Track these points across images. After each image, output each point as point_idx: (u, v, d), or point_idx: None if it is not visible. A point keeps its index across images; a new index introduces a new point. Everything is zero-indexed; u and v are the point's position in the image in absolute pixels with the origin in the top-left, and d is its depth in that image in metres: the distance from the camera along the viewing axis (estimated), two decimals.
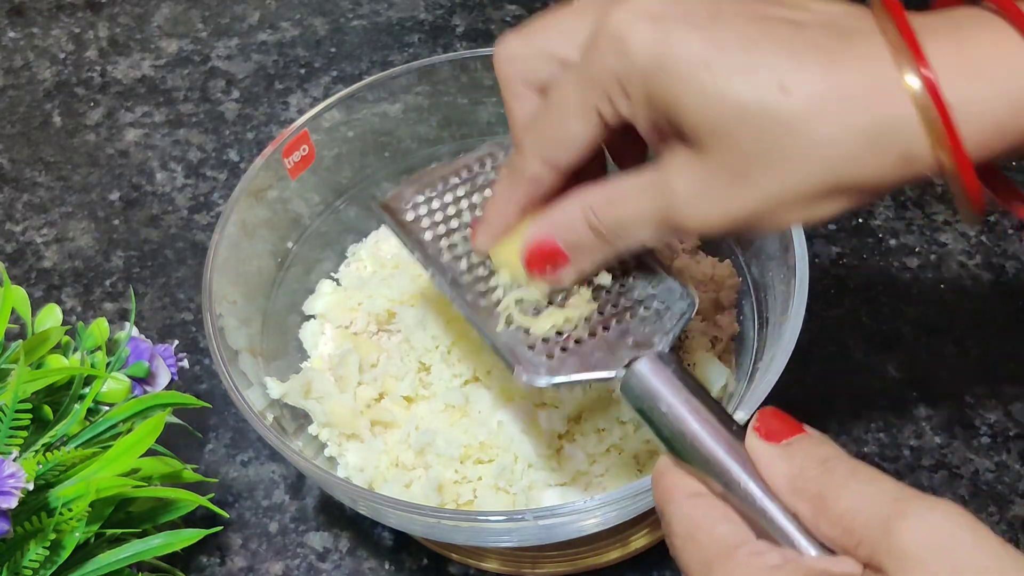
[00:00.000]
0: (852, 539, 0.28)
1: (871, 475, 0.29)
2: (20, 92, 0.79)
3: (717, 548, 0.30)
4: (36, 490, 0.43)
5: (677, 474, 0.33)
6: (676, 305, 0.40)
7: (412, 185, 0.45)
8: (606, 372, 0.38)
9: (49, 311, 0.51)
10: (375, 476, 0.51)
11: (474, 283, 0.42)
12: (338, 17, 0.82)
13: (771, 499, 0.30)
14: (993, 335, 0.60)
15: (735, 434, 0.33)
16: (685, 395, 0.34)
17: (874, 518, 0.27)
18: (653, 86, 0.32)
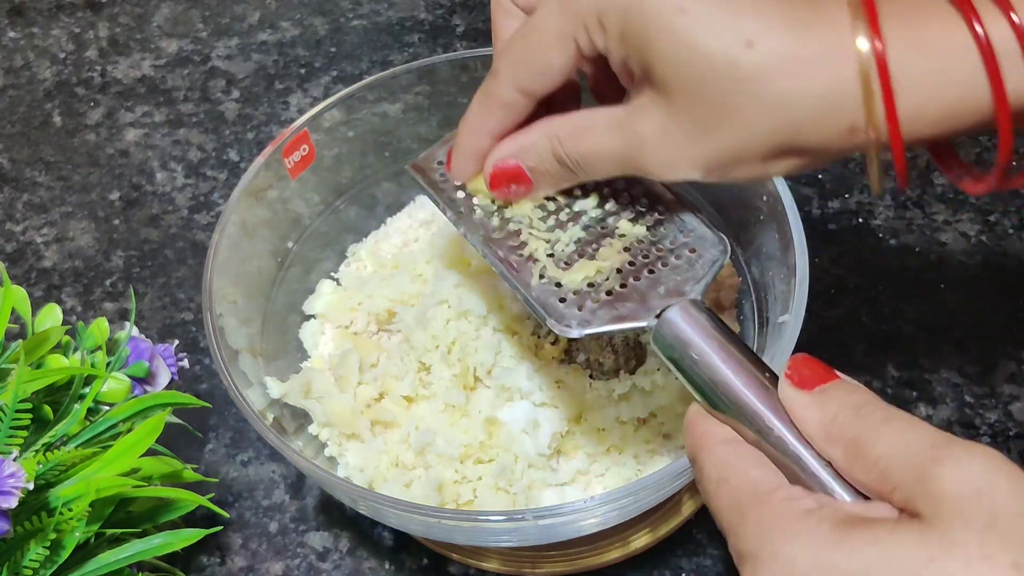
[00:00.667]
0: (887, 484, 0.28)
1: (907, 421, 0.29)
2: (20, 92, 0.79)
3: (751, 492, 0.30)
4: (36, 490, 0.43)
5: (710, 421, 0.33)
6: (708, 252, 0.40)
7: (443, 145, 0.46)
8: (638, 322, 0.37)
9: (49, 311, 0.51)
10: (375, 476, 0.51)
11: (505, 239, 0.42)
12: (338, 17, 0.82)
13: (804, 445, 0.30)
14: (993, 335, 0.60)
15: (768, 381, 0.32)
16: (718, 342, 0.34)
17: (910, 463, 0.27)
18: (629, 23, 0.33)
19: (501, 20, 0.39)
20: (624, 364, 0.51)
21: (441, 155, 0.45)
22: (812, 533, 0.27)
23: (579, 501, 0.42)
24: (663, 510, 0.53)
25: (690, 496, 0.54)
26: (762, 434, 0.31)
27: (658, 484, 0.42)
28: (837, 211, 0.67)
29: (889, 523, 0.27)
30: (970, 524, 0.25)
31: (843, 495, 0.29)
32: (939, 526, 0.26)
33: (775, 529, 0.28)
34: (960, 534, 0.25)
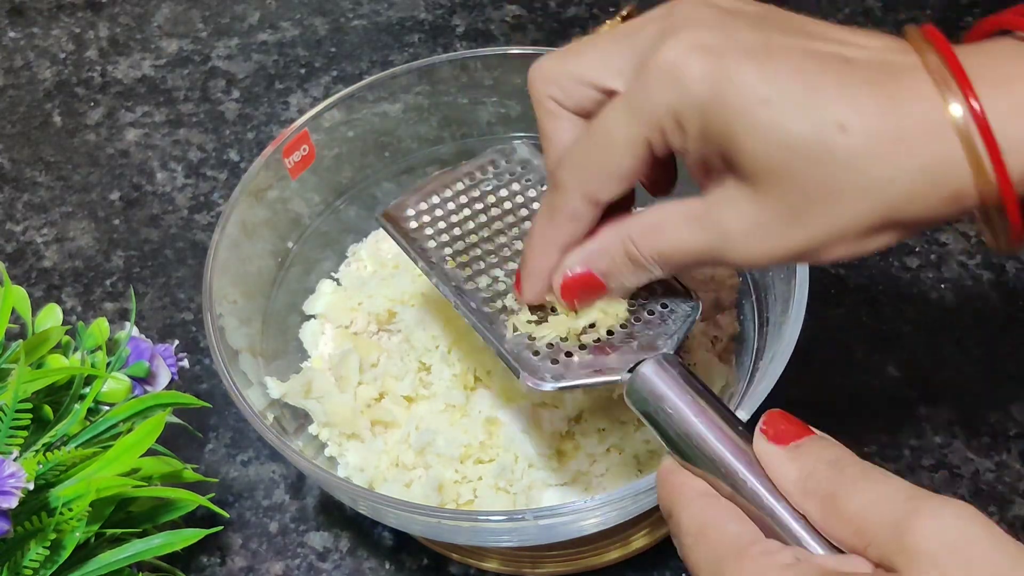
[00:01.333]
0: (863, 540, 0.28)
1: (882, 476, 0.29)
2: (20, 92, 0.79)
3: (729, 546, 0.30)
4: (36, 490, 0.43)
5: (684, 474, 0.33)
6: (680, 308, 0.40)
7: (414, 194, 0.46)
8: (612, 376, 0.38)
9: (49, 311, 0.51)
10: (375, 476, 0.51)
11: (477, 291, 0.42)
12: (338, 17, 0.82)
13: (779, 500, 0.30)
14: (993, 335, 0.60)
15: (741, 435, 0.33)
16: (691, 396, 0.34)
17: (886, 518, 0.27)
18: (710, 120, 0.32)
19: (550, 125, 0.37)
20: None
21: (412, 204, 0.46)
22: None
23: (579, 501, 0.42)
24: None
25: None
26: (737, 488, 0.31)
27: None
28: None
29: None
30: (944, 574, 0.26)
31: (817, 549, 0.30)
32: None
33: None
34: None
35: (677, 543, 0.32)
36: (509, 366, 0.39)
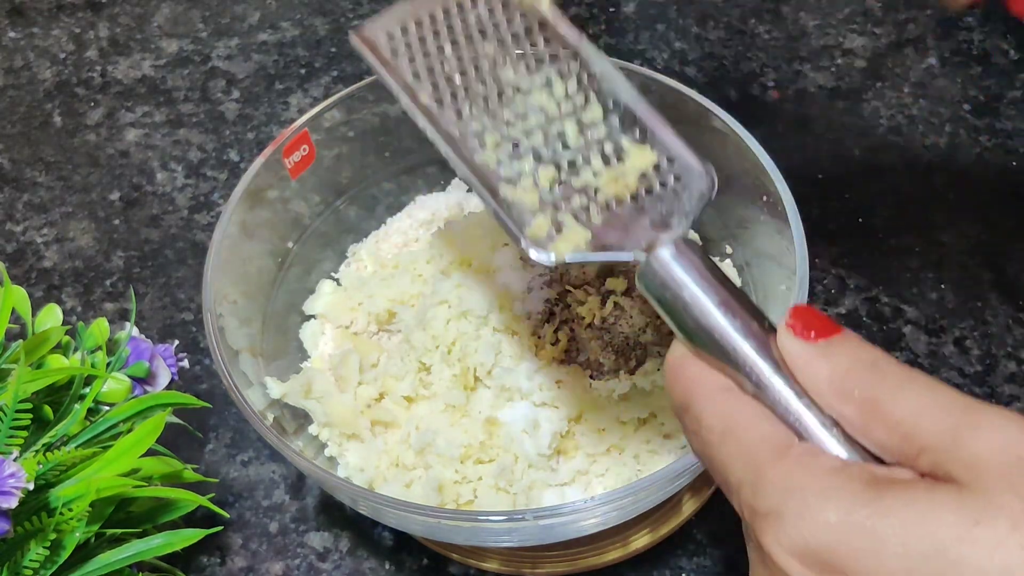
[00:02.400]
0: (912, 447, 0.26)
1: (931, 381, 0.27)
2: (20, 92, 0.79)
3: (765, 445, 0.27)
4: (36, 490, 0.43)
5: (701, 366, 0.30)
6: (694, 183, 0.35)
7: (394, 16, 0.39)
8: (622, 253, 0.33)
9: (49, 311, 0.51)
10: (375, 476, 0.51)
11: (470, 137, 0.36)
12: (338, 17, 0.82)
13: (808, 403, 0.28)
14: (993, 335, 0.60)
15: (768, 331, 0.30)
16: (713, 285, 0.31)
17: (940, 426, 0.25)
18: None
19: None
20: (624, 364, 0.51)
21: (393, 26, 0.39)
22: (843, 490, 0.25)
23: (579, 501, 0.42)
24: (663, 510, 0.53)
25: (690, 496, 0.54)
26: (760, 388, 0.29)
27: (658, 484, 0.42)
28: (837, 211, 0.67)
29: (924, 484, 0.25)
30: (1015, 488, 0.24)
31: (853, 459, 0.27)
32: (980, 490, 0.24)
33: (801, 484, 0.26)
34: (1005, 498, 0.23)
35: (696, 441, 0.29)
36: (507, 229, 0.34)
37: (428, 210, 0.62)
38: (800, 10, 0.80)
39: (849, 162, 0.70)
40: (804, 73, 0.76)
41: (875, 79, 0.75)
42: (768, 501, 0.26)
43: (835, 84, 0.75)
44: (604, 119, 0.36)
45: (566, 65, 0.37)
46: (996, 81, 0.74)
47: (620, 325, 0.51)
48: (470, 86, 0.38)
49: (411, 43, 0.38)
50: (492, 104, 0.37)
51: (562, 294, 0.51)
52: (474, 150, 0.36)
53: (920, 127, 0.72)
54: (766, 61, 0.77)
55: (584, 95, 0.37)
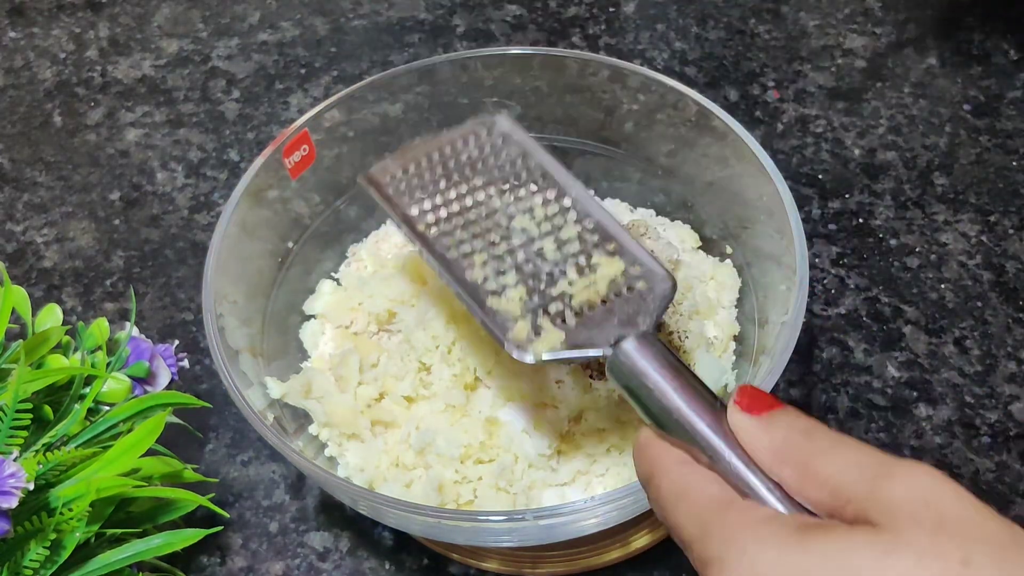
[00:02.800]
0: (839, 499, 0.29)
1: (854, 443, 0.31)
2: (21, 92, 0.79)
3: (711, 504, 0.31)
4: (36, 490, 0.43)
5: (662, 444, 0.35)
6: (658, 287, 0.40)
7: (396, 159, 0.46)
8: (594, 350, 0.39)
9: (49, 311, 0.51)
10: (375, 476, 0.51)
11: (461, 258, 0.42)
12: (338, 17, 0.82)
13: (753, 469, 0.32)
14: (993, 335, 0.61)
15: (718, 410, 0.34)
16: (671, 373, 0.36)
17: (862, 478, 0.29)
18: None
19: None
20: None
21: (393, 169, 0.46)
22: (775, 534, 0.29)
23: (579, 501, 0.42)
24: None
25: None
26: (713, 459, 0.33)
27: None
28: (837, 211, 0.67)
29: (845, 526, 0.29)
30: (921, 526, 0.27)
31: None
32: (892, 529, 0.28)
33: (739, 533, 0.30)
34: (912, 534, 0.27)
35: (657, 508, 0.33)
36: (493, 335, 0.40)
37: None
38: (800, 10, 0.80)
39: (849, 162, 0.70)
40: (804, 73, 0.76)
41: (875, 79, 0.75)
42: (713, 550, 0.30)
43: (835, 84, 0.75)
44: (578, 237, 0.42)
45: (545, 192, 0.44)
46: (996, 81, 0.74)
47: None
48: (463, 214, 0.44)
49: (411, 182, 0.45)
50: (481, 228, 0.43)
51: None
52: (465, 268, 0.42)
53: (920, 127, 0.72)
54: (766, 61, 0.77)
55: (561, 216, 0.43)
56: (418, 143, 0.47)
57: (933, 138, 0.71)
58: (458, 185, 0.45)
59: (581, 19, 0.81)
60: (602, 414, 0.50)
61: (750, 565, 0.29)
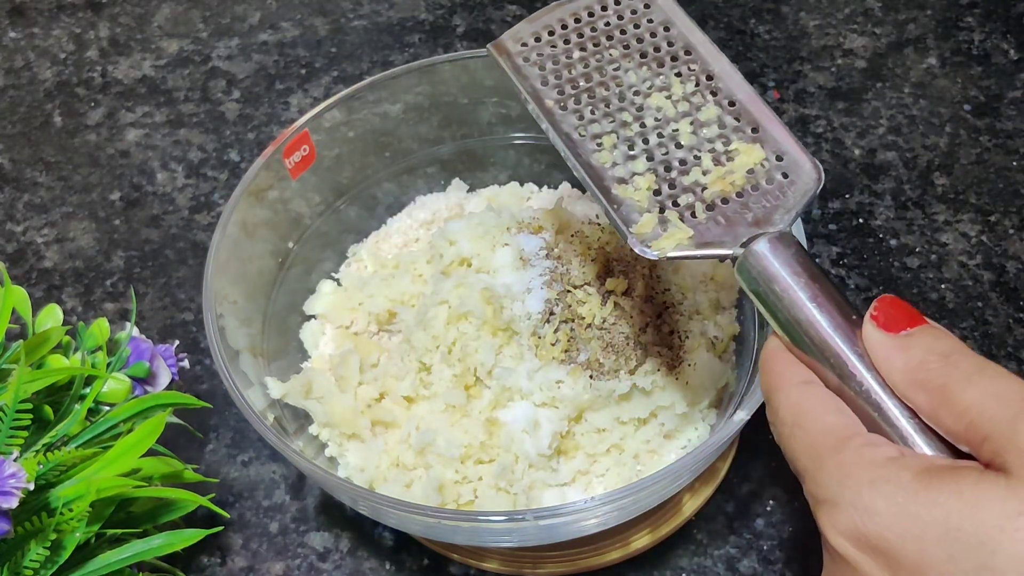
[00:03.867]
0: (977, 434, 0.27)
1: (999, 372, 0.28)
2: (21, 92, 0.79)
3: (827, 438, 0.29)
4: (37, 490, 0.43)
5: (788, 359, 0.32)
6: (801, 179, 0.37)
7: (531, 23, 0.43)
8: (722, 250, 0.36)
9: (50, 311, 0.51)
10: (375, 476, 0.51)
11: (589, 139, 0.39)
12: (339, 17, 0.82)
13: (887, 392, 0.30)
14: (993, 335, 0.60)
15: (854, 324, 0.31)
16: (804, 279, 0.33)
17: (1003, 415, 0.26)
18: None
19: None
20: (624, 364, 0.51)
21: (527, 33, 0.42)
22: (893, 481, 0.27)
23: (579, 501, 0.42)
24: (663, 510, 0.53)
25: (690, 496, 0.54)
26: (844, 379, 0.30)
27: (658, 484, 0.42)
28: (837, 211, 0.67)
29: (974, 474, 0.26)
30: None
31: (924, 448, 0.29)
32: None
33: (855, 476, 0.28)
34: None
35: (774, 431, 0.31)
36: (616, 227, 0.37)
37: (428, 210, 0.62)
38: (800, 10, 0.80)
39: (849, 162, 0.70)
40: (804, 73, 0.76)
41: (875, 79, 0.75)
42: (824, 491, 0.28)
43: (835, 84, 0.75)
44: (718, 119, 0.39)
45: (686, 67, 0.40)
46: (996, 81, 0.74)
47: (620, 325, 0.51)
48: (593, 90, 0.40)
49: (542, 51, 0.42)
50: (613, 107, 0.40)
51: (562, 294, 0.51)
52: (592, 151, 0.39)
53: (920, 127, 0.72)
54: (766, 61, 0.77)
55: (701, 95, 0.39)
56: (554, 5, 0.43)
57: (933, 138, 0.71)
58: (593, 56, 0.41)
59: None
60: (602, 414, 0.50)
61: (864, 513, 0.27)
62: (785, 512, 0.54)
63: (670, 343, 0.52)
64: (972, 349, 0.60)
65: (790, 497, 0.55)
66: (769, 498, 0.55)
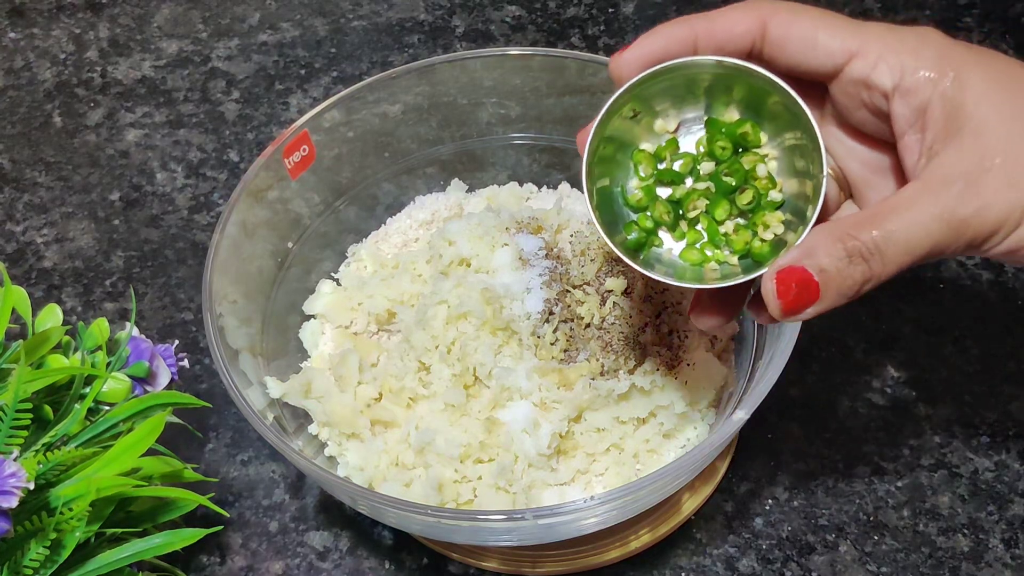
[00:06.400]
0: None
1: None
2: (21, 92, 0.79)
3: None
4: (37, 489, 0.43)
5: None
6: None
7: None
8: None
9: (49, 311, 0.51)
10: (375, 475, 0.51)
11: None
12: (338, 18, 0.82)
13: None
14: (993, 335, 0.61)
15: None
16: None
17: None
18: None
19: None
20: (624, 364, 0.51)
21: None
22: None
23: (579, 500, 0.42)
24: (663, 510, 0.53)
25: (690, 496, 0.54)
26: None
27: (658, 484, 0.43)
28: None
29: None
30: None
31: None
32: None
33: None
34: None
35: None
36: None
37: (428, 210, 0.62)
38: None
39: None
40: None
41: None
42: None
43: None
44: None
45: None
46: None
47: (619, 325, 0.51)
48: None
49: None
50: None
51: (561, 294, 0.51)
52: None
53: None
54: None
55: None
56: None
57: None
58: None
59: (580, 20, 0.81)
60: (602, 414, 0.50)
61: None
62: (784, 511, 0.54)
63: (669, 343, 0.52)
64: (971, 350, 0.60)
65: (789, 496, 0.55)
66: (768, 497, 0.55)
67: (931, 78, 0.35)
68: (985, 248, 0.36)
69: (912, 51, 0.36)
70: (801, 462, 0.56)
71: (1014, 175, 0.34)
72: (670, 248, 0.41)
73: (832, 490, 0.55)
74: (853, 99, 0.38)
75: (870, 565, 0.52)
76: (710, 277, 0.39)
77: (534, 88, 0.59)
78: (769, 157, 0.40)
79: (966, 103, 0.35)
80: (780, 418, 0.57)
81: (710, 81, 0.39)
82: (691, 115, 0.40)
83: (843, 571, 0.52)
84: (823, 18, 0.37)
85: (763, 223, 0.39)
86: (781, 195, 0.39)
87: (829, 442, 0.56)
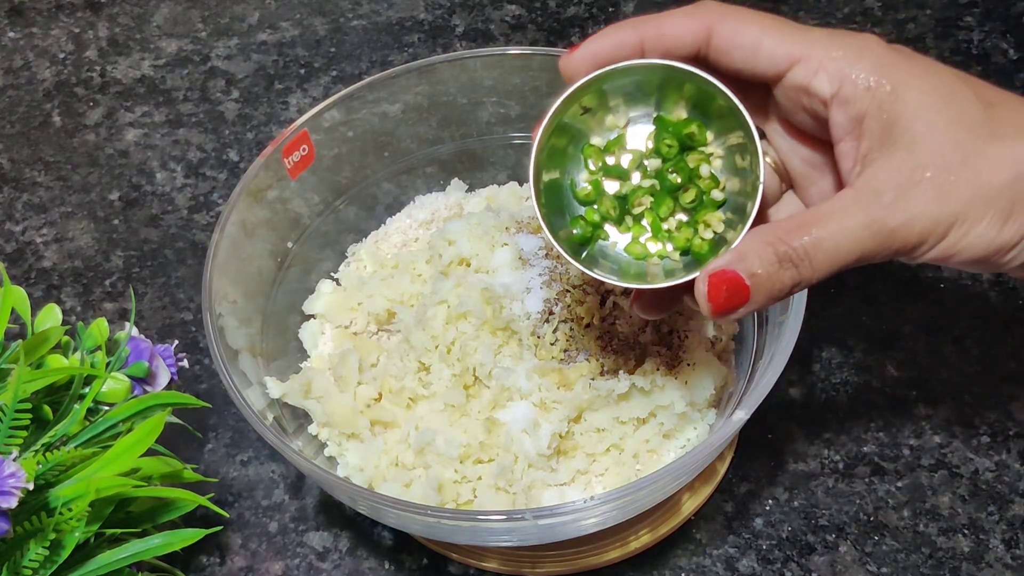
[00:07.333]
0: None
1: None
2: (20, 92, 0.79)
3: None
4: (36, 490, 0.43)
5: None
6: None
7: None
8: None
9: (49, 311, 0.51)
10: (375, 476, 0.51)
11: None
12: (338, 17, 0.82)
13: None
14: (993, 335, 0.60)
15: None
16: None
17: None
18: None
19: None
20: (624, 364, 0.51)
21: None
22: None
23: (579, 501, 0.42)
24: (663, 510, 0.53)
25: (690, 496, 0.54)
26: None
27: (657, 484, 0.43)
28: None
29: None
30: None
31: None
32: None
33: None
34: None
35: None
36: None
37: (428, 210, 0.62)
38: (799, 10, 0.80)
39: None
40: None
41: None
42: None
43: None
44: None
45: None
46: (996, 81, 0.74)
47: (620, 325, 0.51)
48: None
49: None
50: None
51: (561, 294, 0.51)
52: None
53: None
54: None
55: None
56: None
57: None
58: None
59: (580, 19, 0.81)
60: (602, 414, 0.50)
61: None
62: (784, 512, 0.54)
63: (669, 343, 0.52)
64: (971, 350, 0.60)
65: (789, 497, 0.55)
66: (768, 498, 0.55)
67: (869, 88, 0.36)
68: (914, 256, 0.37)
69: (852, 60, 0.37)
70: (801, 462, 0.56)
71: (943, 189, 0.35)
72: (615, 242, 0.42)
73: (832, 490, 0.55)
74: (794, 103, 0.39)
75: (870, 565, 0.52)
76: (652, 273, 0.40)
77: (534, 88, 0.59)
78: (714, 156, 0.41)
79: (902, 116, 0.36)
80: (780, 418, 0.57)
81: (661, 79, 0.40)
82: (642, 111, 0.42)
83: (843, 571, 0.52)
84: (769, 24, 0.39)
85: (704, 222, 0.40)
86: (723, 195, 0.40)
87: (829, 442, 0.56)
